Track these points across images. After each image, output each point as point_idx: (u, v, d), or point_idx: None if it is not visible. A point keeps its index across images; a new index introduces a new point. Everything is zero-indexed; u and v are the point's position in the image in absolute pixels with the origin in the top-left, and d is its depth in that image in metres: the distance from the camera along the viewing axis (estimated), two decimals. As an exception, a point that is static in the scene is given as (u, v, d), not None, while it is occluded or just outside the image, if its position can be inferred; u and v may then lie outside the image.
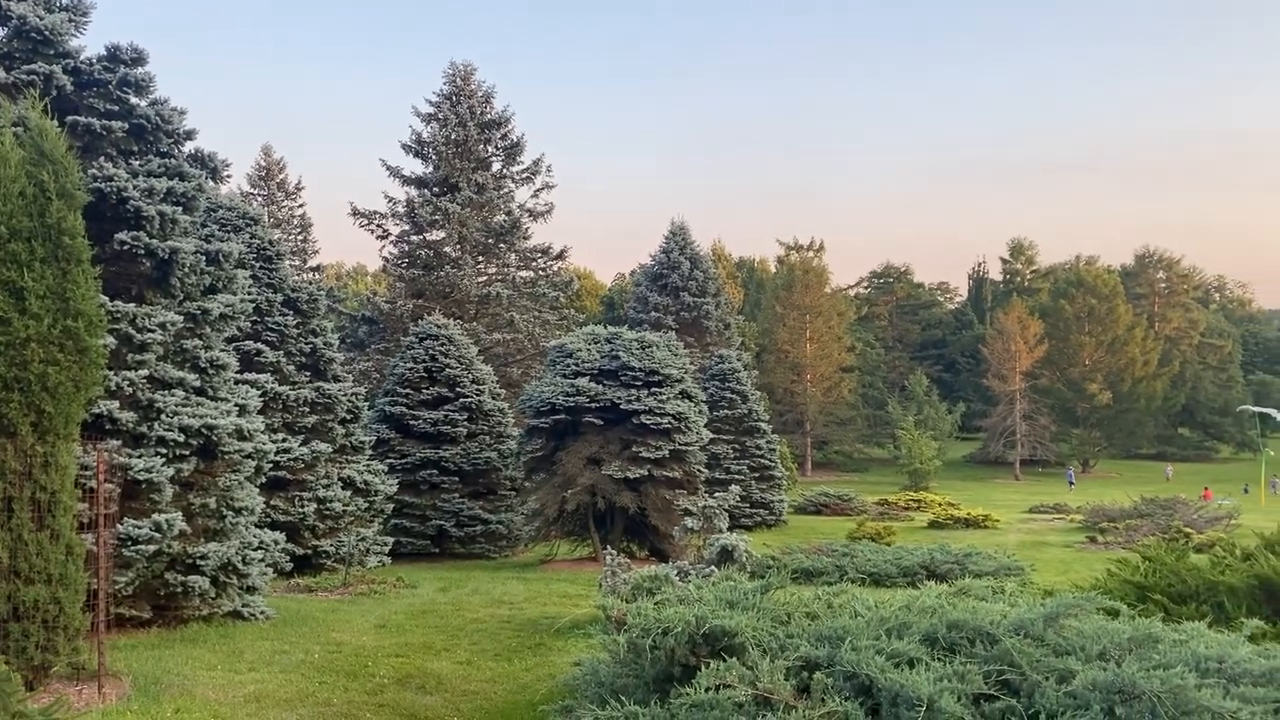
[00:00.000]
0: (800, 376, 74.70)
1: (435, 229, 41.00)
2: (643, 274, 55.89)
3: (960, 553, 21.07)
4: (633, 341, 22.35)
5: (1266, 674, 5.27)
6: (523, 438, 23.25)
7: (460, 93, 41.83)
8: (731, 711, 5.13)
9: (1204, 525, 30.07)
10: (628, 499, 21.41)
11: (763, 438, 35.71)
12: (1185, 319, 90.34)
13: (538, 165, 42.50)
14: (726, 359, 36.70)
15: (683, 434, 21.91)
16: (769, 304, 78.78)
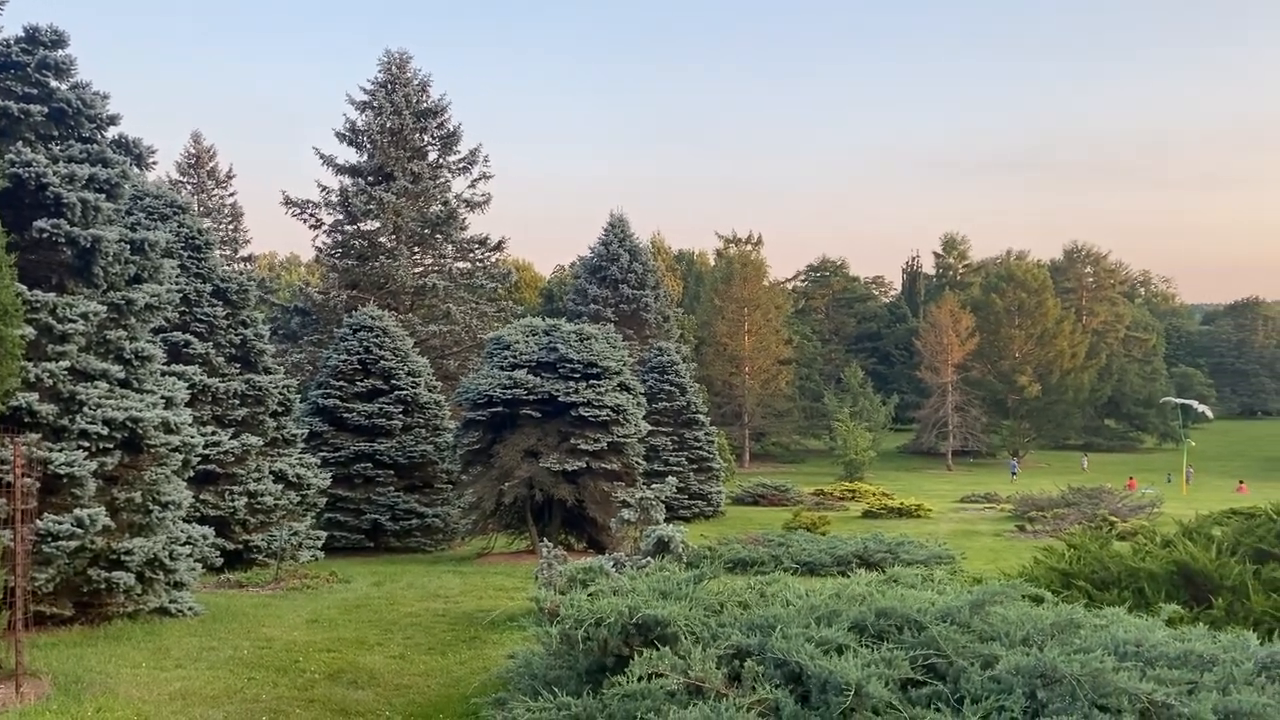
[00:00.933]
0: (739, 369, 75.19)
1: (370, 219, 40.42)
2: (582, 266, 55.72)
3: (893, 542, 21.40)
4: (571, 334, 22.28)
5: (1181, 656, 5.43)
6: (459, 430, 23.06)
7: (395, 81, 41.26)
8: (663, 700, 5.14)
9: (1128, 514, 30.91)
10: (566, 491, 21.37)
11: (701, 430, 35.88)
12: (1112, 313, 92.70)
13: (475, 155, 42.13)
14: (665, 351, 36.78)
15: (621, 426, 21.91)
16: (708, 297, 79.14)
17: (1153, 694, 4.76)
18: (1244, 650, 5.68)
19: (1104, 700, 4.76)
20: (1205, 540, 10.29)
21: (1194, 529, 11.01)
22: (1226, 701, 4.86)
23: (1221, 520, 12.40)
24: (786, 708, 4.90)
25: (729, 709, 4.82)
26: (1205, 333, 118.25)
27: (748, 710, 4.81)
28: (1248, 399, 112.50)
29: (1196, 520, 11.89)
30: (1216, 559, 9.44)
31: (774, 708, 4.93)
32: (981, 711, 4.77)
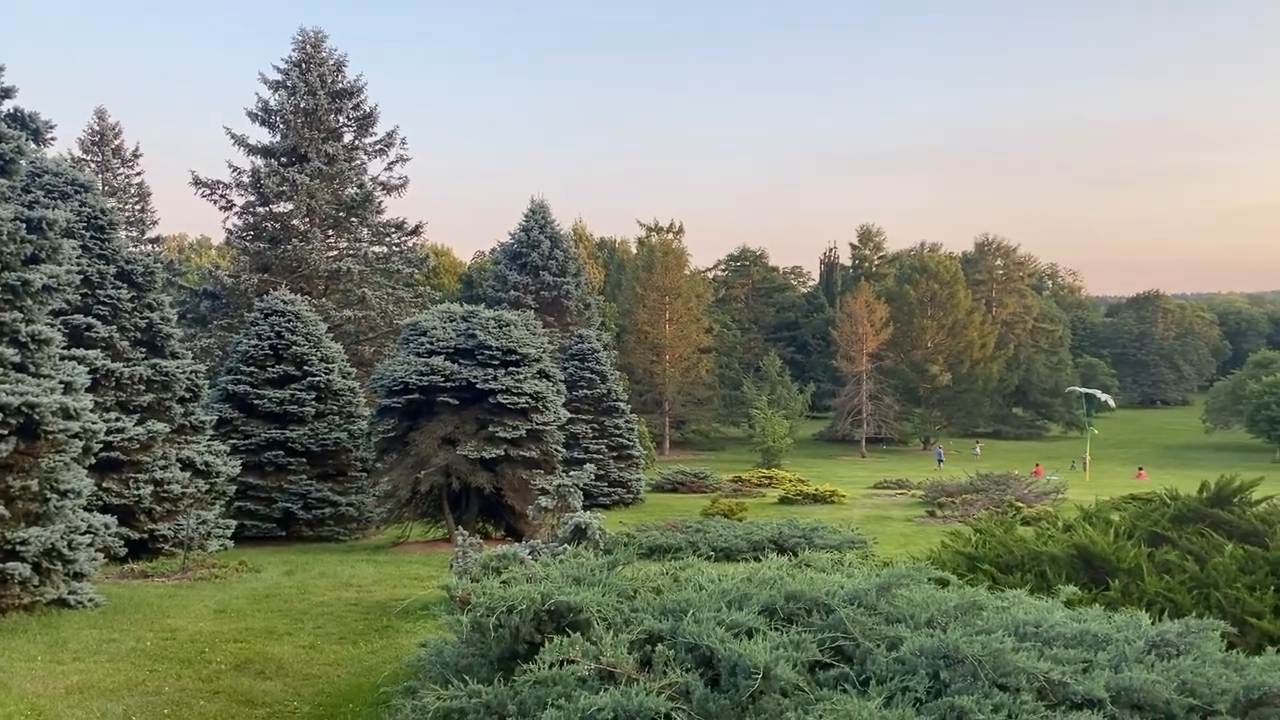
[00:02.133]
0: (659, 357, 75.50)
1: (283, 200, 39.48)
2: (502, 252, 55.26)
3: (807, 527, 21.76)
4: (490, 320, 22.09)
5: (1077, 636, 5.61)
6: (374, 418, 22.71)
7: (310, 60, 40.31)
8: (574, 686, 5.13)
9: (1034, 499, 31.88)
10: (483, 479, 21.21)
11: (621, 417, 35.93)
12: (1020, 304, 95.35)
13: (391, 137, 41.42)
14: (586, 339, 36.72)
15: (540, 414, 21.81)
16: (629, 285, 79.25)
17: (1049, 673, 4.91)
18: (1136, 630, 5.89)
19: (1004, 680, 4.89)
20: (1104, 525, 10.66)
21: (1094, 514, 11.39)
22: (1118, 679, 5.04)
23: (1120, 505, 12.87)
24: (696, 691, 4.93)
25: (639, 693, 4.83)
26: (1109, 324, 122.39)
27: (658, 694, 4.82)
28: (1148, 389, 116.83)
29: (1096, 506, 12.31)
30: (1114, 543, 9.78)
31: (684, 691, 4.96)
32: (886, 692, 4.87)
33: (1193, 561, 9.27)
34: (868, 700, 4.71)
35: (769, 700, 4.87)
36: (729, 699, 4.89)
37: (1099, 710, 4.80)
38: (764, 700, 4.88)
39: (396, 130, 41.55)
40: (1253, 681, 5.22)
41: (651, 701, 4.77)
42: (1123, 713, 4.93)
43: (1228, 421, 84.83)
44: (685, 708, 4.87)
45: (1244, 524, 10.00)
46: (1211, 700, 5.08)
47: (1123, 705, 4.97)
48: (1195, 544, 9.64)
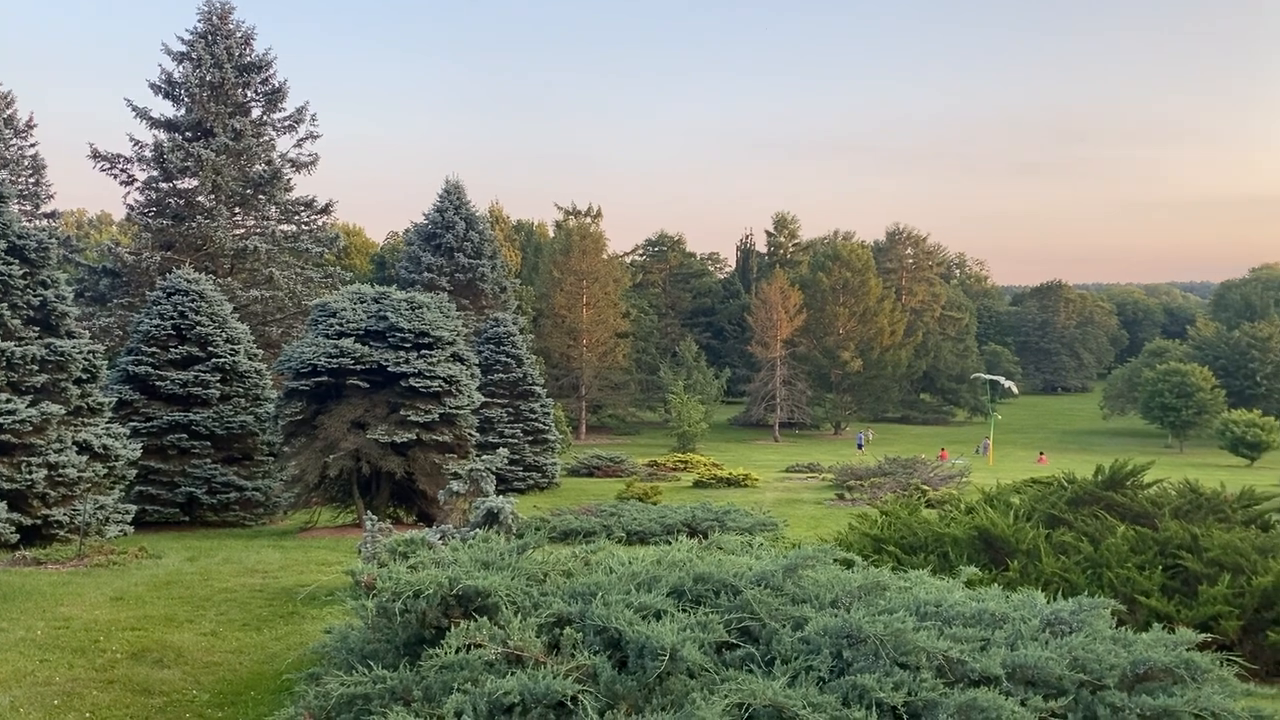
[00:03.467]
0: (577, 341, 75.35)
1: (187, 176, 38.20)
2: (416, 233, 54.40)
3: (720, 510, 21.95)
4: (402, 302, 21.72)
5: (976, 615, 5.76)
6: (281, 400, 22.17)
7: (216, 32, 39.02)
8: (481, 671, 5.09)
9: (939, 483, 32.69)
10: (395, 464, 20.90)
11: (537, 401, 35.75)
12: (929, 293, 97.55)
13: (301, 113, 40.38)
14: (502, 322, 36.42)
15: (454, 397, 21.56)
16: (546, 268, 78.85)
17: (948, 651, 5.03)
18: (1032, 609, 6.07)
19: (904, 658, 4.99)
20: (1004, 507, 10.99)
21: (995, 497, 11.73)
22: (1014, 656, 5.19)
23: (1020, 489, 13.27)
24: (604, 673, 4.93)
25: (546, 676, 4.81)
26: (1013, 313, 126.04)
27: (565, 677, 4.81)
28: (1050, 376, 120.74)
29: (998, 489, 12.68)
30: (1013, 525, 10.09)
31: (591, 674, 4.96)
32: (790, 672, 4.94)
33: (1087, 542, 9.62)
34: (772, 680, 4.77)
35: (676, 681, 4.90)
36: (636, 680, 4.91)
37: (995, 687, 4.94)
38: (671, 681, 4.91)
39: (307, 106, 40.57)
40: (1139, 657, 5.44)
41: (559, 684, 4.76)
42: (1018, 689, 5.08)
43: (1124, 408, 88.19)
44: (593, 690, 4.87)
45: (1135, 506, 10.40)
46: (1101, 675, 5.27)
47: (1018, 681, 5.13)
48: (1090, 526, 10.00)
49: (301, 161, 40.34)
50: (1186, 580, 8.97)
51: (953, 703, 4.68)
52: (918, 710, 4.70)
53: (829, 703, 4.61)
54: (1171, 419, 76.54)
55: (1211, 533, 9.44)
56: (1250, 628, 8.53)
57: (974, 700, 4.68)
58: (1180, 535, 9.40)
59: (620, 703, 4.84)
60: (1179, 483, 11.34)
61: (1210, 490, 11.05)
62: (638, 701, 4.83)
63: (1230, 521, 10.33)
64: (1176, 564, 9.10)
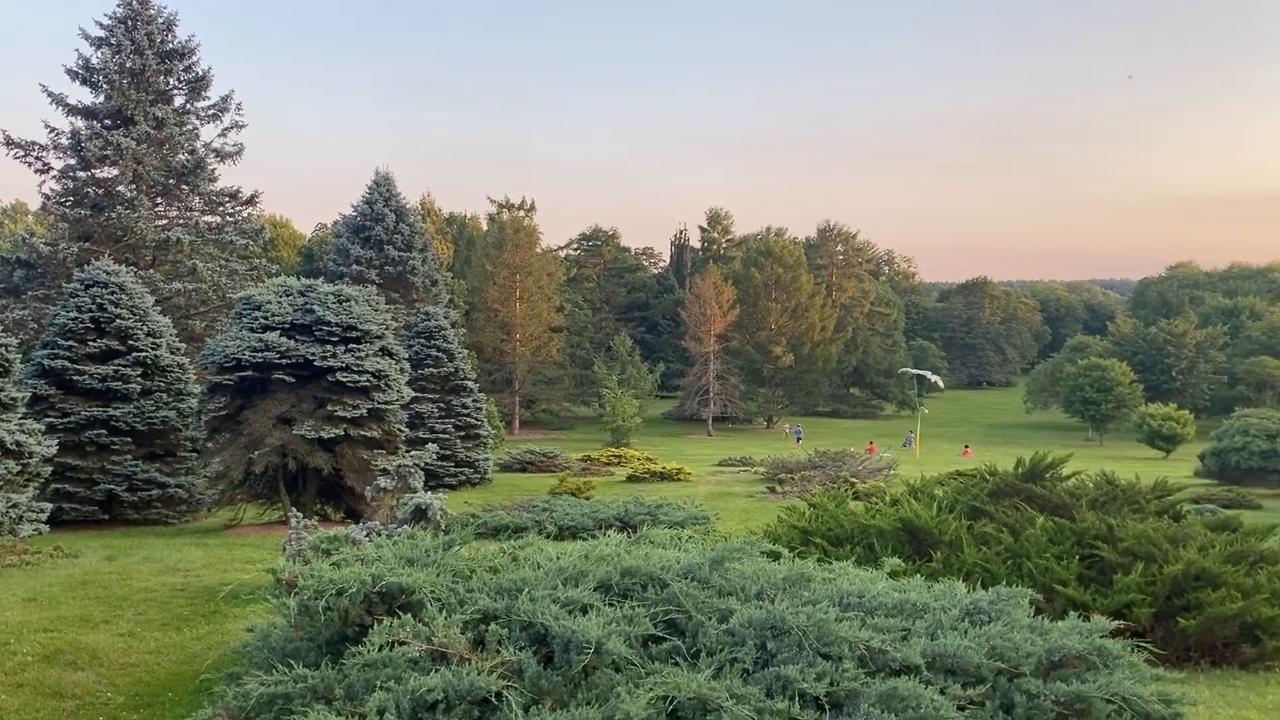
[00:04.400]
0: (510, 335, 74.87)
1: (106, 165, 37.05)
2: (344, 225, 53.58)
3: (653, 504, 22.04)
4: (329, 295, 21.37)
5: (898, 605, 5.86)
6: (205, 395, 21.66)
7: (137, 17, 37.89)
8: (405, 668, 5.04)
9: (867, 475, 33.21)
10: (322, 460, 20.57)
11: (469, 396, 35.46)
12: (859, 289, 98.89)
13: (226, 102, 39.40)
14: (433, 316, 36.04)
15: (382, 392, 21.28)
16: (479, 262, 78.14)
17: (870, 641, 5.11)
18: (952, 599, 6.20)
19: (827, 649, 5.06)
20: (928, 499, 11.18)
21: (919, 489, 11.93)
22: (934, 645, 5.29)
23: (944, 481, 13.53)
24: (529, 669, 4.91)
25: (471, 673, 4.78)
26: (940, 309, 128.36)
27: (489, 673, 4.78)
28: (975, 370, 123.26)
29: (922, 481, 12.91)
30: (937, 516, 10.28)
31: (516, 669, 4.94)
32: (716, 664, 4.97)
33: (1008, 533, 9.83)
34: (697, 672, 4.80)
35: (601, 675, 4.90)
36: (562, 675, 4.90)
37: (915, 676, 5.02)
38: (596, 675, 4.91)
39: (231, 95, 39.58)
40: (1054, 645, 5.58)
41: (483, 680, 4.73)
42: (937, 677, 5.17)
43: (1046, 402, 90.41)
44: (517, 685, 4.85)
45: (1054, 498, 10.67)
46: (1018, 663, 5.39)
47: (937, 670, 5.22)
48: (1010, 517, 10.22)
49: (226, 151, 39.40)
50: (1102, 569, 9.22)
51: (874, 692, 4.75)
52: (839, 700, 4.77)
53: (753, 694, 4.65)
54: (1092, 413, 78.67)
55: (1126, 523, 9.72)
56: (1162, 614, 8.81)
57: (894, 689, 4.76)
58: (1096, 526, 9.66)
59: (545, 698, 4.82)
60: (1096, 475, 11.66)
61: (1125, 482, 11.38)
62: (563, 696, 4.82)
63: (1144, 512, 10.65)
64: (1093, 554, 9.35)
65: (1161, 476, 12.77)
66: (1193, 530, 10.03)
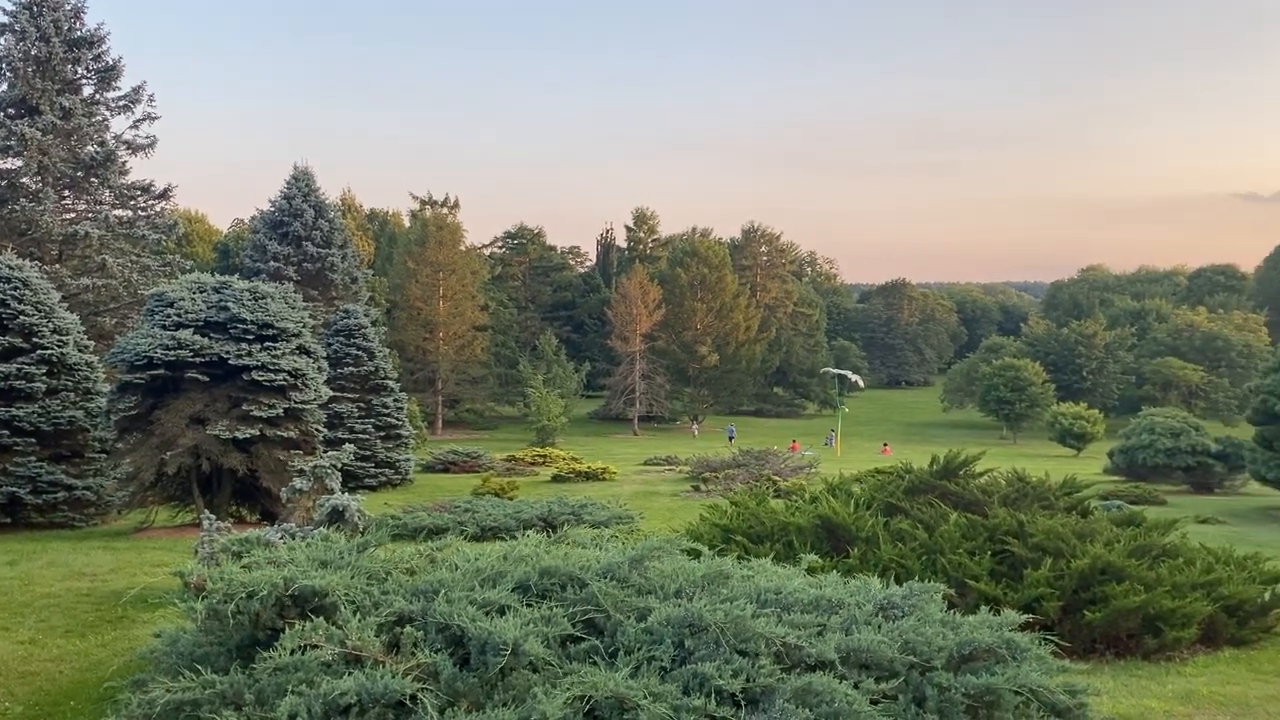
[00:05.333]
0: (433, 334, 74.02)
1: (10, 156, 35.64)
2: (261, 221, 52.39)
3: (577, 504, 21.97)
4: (244, 292, 20.88)
5: (814, 601, 5.93)
6: (114, 395, 20.99)
7: (43, 3, 36.52)
8: (317, 672, 4.94)
9: (789, 474, 33.59)
10: (237, 460, 20.09)
11: (390, 396, 34.97)
12: (782, 289, 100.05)
13: (138, 93, 38.22)
14: (353, 314, 35.45)
15: (299, 391, 20.88)
16: (401, 259, 77.07)
17: (785, 637, 5.16)
18: (867, 594, 6.30)
19: (744, 645, 5.09)
20: (846, 496, 11.35)
21: (837, 487, 12.11)
22: (848, 640, 5.37)
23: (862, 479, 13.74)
24: (445, 670, 4.86)
25: (385, 676, 4.71)
26: (860, 310, 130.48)
27: (404, 676, 4.72)
28: (894, 370, 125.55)
29: (840, 479, 13.10)
30: (854, 513, 10.44)
31: (432, 672, 4.88)
32: (634, 663, 4.97)
33: (922, 530, 10.03)
34: (615, 671, 4.79)
35: (518, 676, 4.86)
36: (478, 677, 4.85)
37: (830, 671, 5.09)
38: (514, 676, 4.87)
39: (144, 86, 38.39)
40: (965, 639, 5.70)
41: (397, 683, 4.67)
42: (851, 672, 5.25)
43: (963, 401, 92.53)
44: (433, 688, 4.79)
45: (967, 495, 10.91)
46: (930, 657, 5.50)
47: (852, 665, 5.30)
48: (925, 513, 10.43)
49: (138, 144, 38.22)
50: (1013, 564, 9.46)
51: (789, 687, 4.80)
52: (755, 696, 4.81)
53: (670, 692, 4.66)
54: (1006, 412, 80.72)
55: (1036, 519, 9.99)
56: (1069, 608, 9.06)
57: (809, 684, 4.81)
58: (1008, 522, 9.90)
59: (461, 700, 4.78)
60: (1008, 472, 11.96)
61: (1036, 479, 11.69)
62: (479, 698, 4.78)
63: (1054, 509, 10.95)
64: (1004, 549, 9.59)
65: (1071, 474, 13.16)
66: (1099, 526, 10.34)
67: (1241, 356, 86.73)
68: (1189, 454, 42.10)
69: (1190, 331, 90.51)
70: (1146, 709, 7.46)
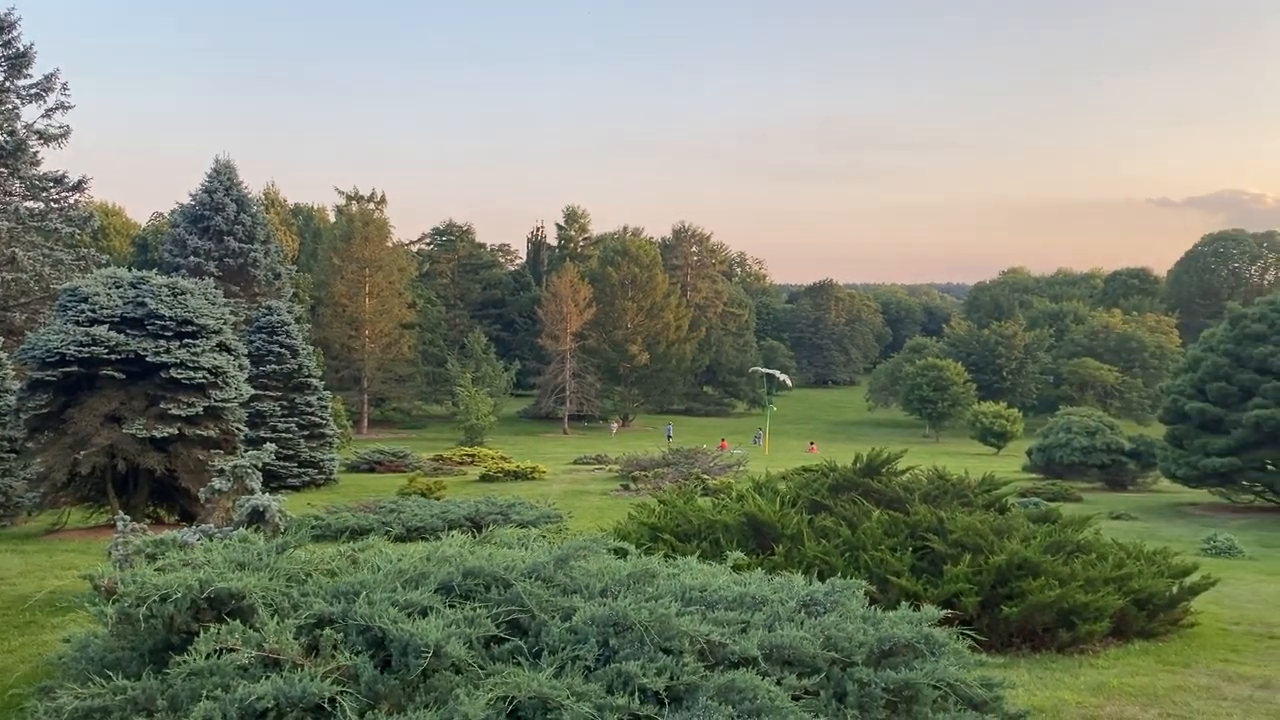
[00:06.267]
0: (359, 332, 72.99)
1: (-87, 145, 34.31)
2: (182, 215, 51.16)
3: (505, 504, 21.87)
4: (163, 287, 20.36)
5: (738, 599, 5.97)
6: (24, 392, 20.30)
7: (-51, -14, 35.21)
8: (234, 676, 4.83)
9: (718, 472, 33.85)
10: (154, 460, 19.59)
11: (314, 394, 34.40)
12: (712, 289, 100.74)
13: (50, 81, 36.97)
14: (276, 310, 34.79)
15: (220, 389, 20.43)
16: (326, 255, 75.82)
17: (709, 635, 5.18)
18: (790, 591, 6.36)
19: (668, 643, 5.10)
20: (772, 494, 11.46)
21: (764, 485, 12.22)
22: (771, 637, 5.41)
23: (788, 476, 13.90)
24: (365, 673, 4.78)
25: (303, 679, 4.62)
26: (789, 310, 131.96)
27: (323, 679, 4.63)
28: (821, 370, 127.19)
29: (767, 477, 13.22)
30: (779, 511, 10.54)
31: (352, 674, 4.80)
32: (558, 662, 4.95)
33: (846, 527, 10.17)
34: (539, 671, 4.77)
35: (441, 678, 4.81)
36: (399, 679, 4.79)
37: (753, 667, 5.13)
38: (436, 678, 4.82)
39: (57, 74, 37.15)
40: (885, 634, 5.79)
41: (316, 686, 4.58)
42: (774, 668, 5.29)
43: (887, 400, 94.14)
44: (353, 690, 4.72)
45: (889, 492, 11.09)
46: (851, 653, 5.57)
47: (774, 662, 5.34)
48: (849, 511, 10.58)
49: (50, 134, 36.98)
50: (933, 560, 9.64)
51: (712, 685, 4.83)
52: (679, 694, 4.82)
53: (593, 691, 4.65)
54: (929, 410, 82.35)
55: (956, 516, 10.19)
56: (987, 603, 9.27)
57: (732, 681, 4.84)
58: (928, 518, 10.09)
59: (382, 702, 4.71)
60: (929, 470, 12.19)
61: (956, 477, 11.93)
62: (400, 700, 4.71)
63: (973, 505, 11.19)
64: (924, 545, 9.77)
65: (990, 472, 13.46)
66: (1016, 522, 10.60)
67: (1154, 358, 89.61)
68: (1104, 452, 43.40)
69: (1106, 333, 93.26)
70: (1060, 701, 7.66)
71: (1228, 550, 21.65)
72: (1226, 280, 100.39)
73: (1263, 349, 34.64)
